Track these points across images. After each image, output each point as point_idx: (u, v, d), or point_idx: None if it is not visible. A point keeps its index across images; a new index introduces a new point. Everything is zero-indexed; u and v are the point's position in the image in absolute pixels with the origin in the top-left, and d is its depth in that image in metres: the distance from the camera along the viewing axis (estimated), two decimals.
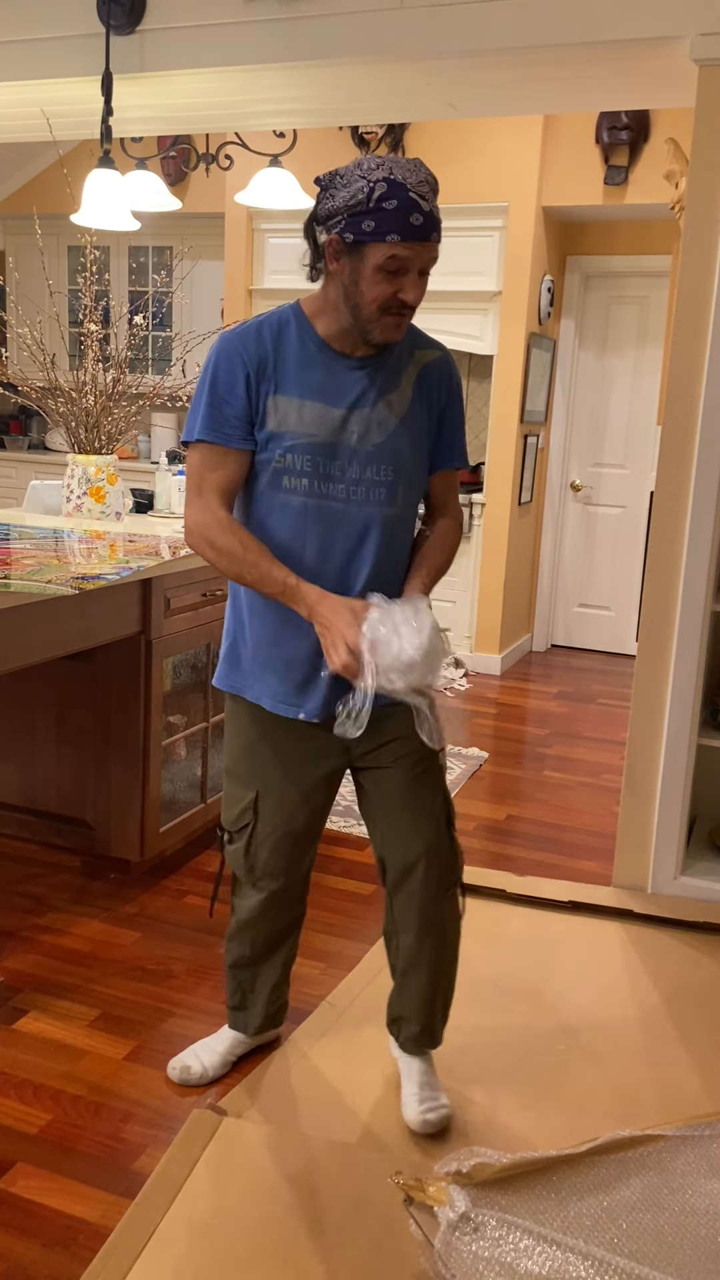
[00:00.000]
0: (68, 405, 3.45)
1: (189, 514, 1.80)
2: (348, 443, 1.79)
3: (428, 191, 1.66)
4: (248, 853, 2.04)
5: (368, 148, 5.49)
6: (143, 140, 4.12)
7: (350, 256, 1.69)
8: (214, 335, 5.05)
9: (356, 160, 1.68)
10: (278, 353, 1.77)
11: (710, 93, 2.61)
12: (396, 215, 1.63)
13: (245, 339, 1.77)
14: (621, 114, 5.04)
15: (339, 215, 1.67)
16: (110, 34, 3.07)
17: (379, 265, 1.67)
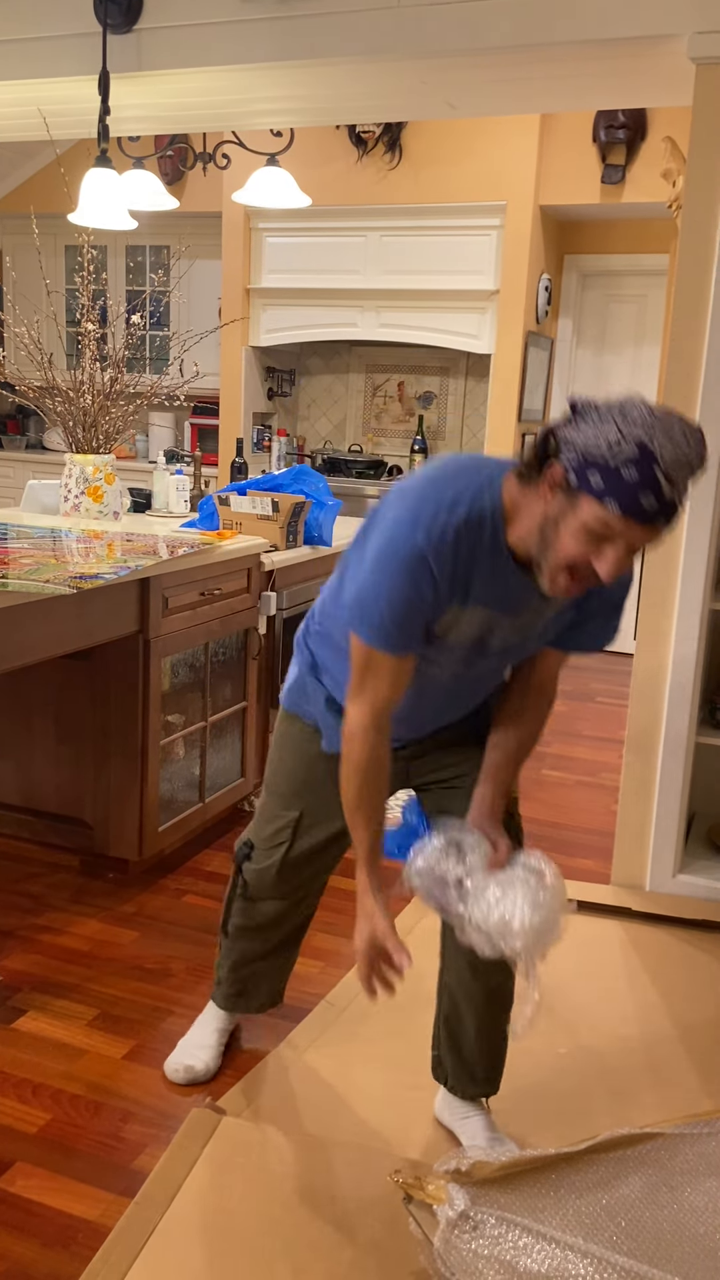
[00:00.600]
0: (65, 405, 3.44)
1: (360, 710, 1.68)
2: (492, 643, 1.71)
3: (681, 474, 1.42)
4: (280, 870, 2.01)
5: (364, 147, 5.49)
6: (140, 139, 4.12)
7: (565, 495, 1.48)
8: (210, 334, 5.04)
9: (628, 400, 1.45)
10: (470, 565, 1.59)
11: (707, 91, 2.61)
12: (629, 488, 1.42)
13: (442, 558, 1.56)
14: (619, 113, 5.04)
15: (574, 451, 1.45)
16: (107, 33, 3.07)
17: (586, 524, 1.47)
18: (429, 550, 1.55)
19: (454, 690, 1.80)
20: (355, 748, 1.70)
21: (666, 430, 1.41)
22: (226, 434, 6.15)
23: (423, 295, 5.60)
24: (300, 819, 1.98)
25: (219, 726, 3.29)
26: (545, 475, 1.50)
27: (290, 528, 3.46)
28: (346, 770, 1.72)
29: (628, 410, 1.43)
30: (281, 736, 2.01)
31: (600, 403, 1.46)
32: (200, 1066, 2.17)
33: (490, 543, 1.58)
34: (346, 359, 6.47)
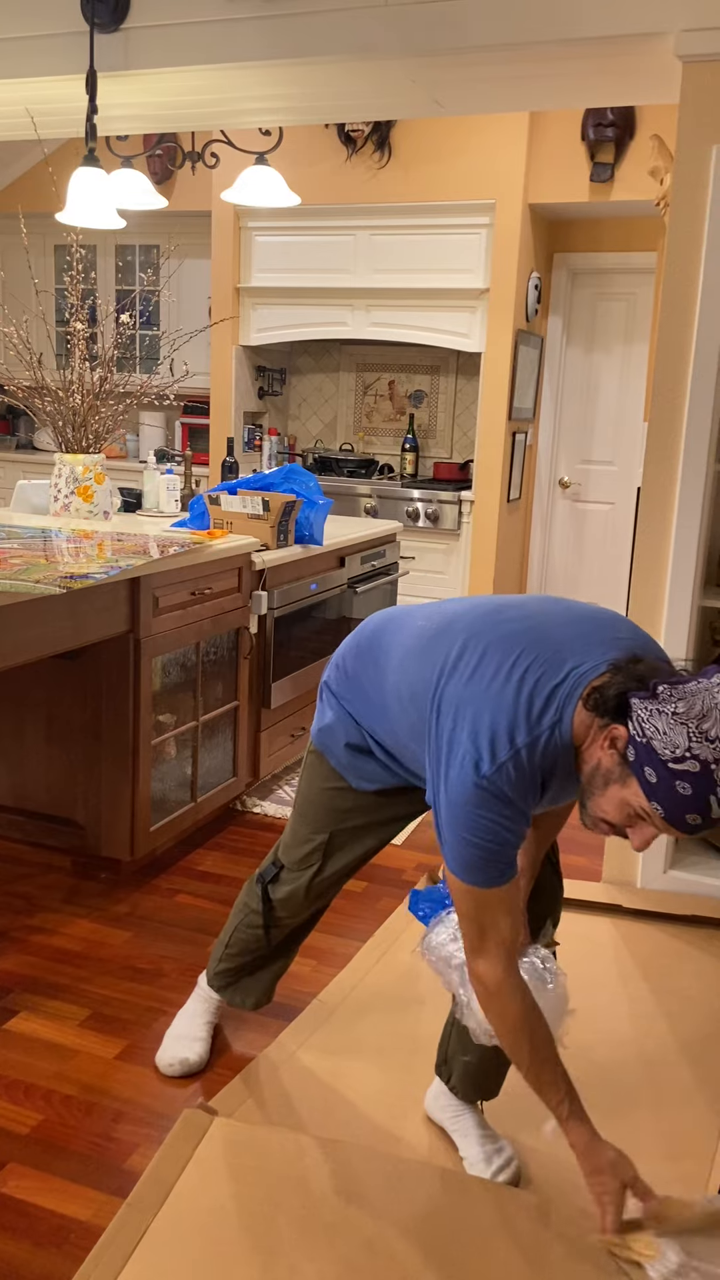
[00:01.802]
0: (54, 404, 3.44)
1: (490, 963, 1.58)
2: None
3: None
4: (307, 890, 2.01)
5: (353, 145, 5.49)
6: (128, 139, 4.11)
7: (621, 763, 1.45)
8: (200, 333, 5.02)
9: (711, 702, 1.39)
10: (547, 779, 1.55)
11: (694, 89, 2.62)
12: (678, 801, 1.40)
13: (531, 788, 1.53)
14: (607, 111, 5.05)
15: (645, 729, 1.41)
16: (94, 32, 3.06)
17: (629, 803, 1.46)
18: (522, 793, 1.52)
19: None
20: (506, 1005, 1.59)
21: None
22: (217, 433, 6.15)
23: (412, 294, 5.60)
24: (330, 841, 1.97)
25: (211, 726, 3.29)
26: (609, 731, 1.46)
27: (281, 527, 3.46)
28: (505, 1034, 1.61)
29: (707, 720, 1.37)
30: (310, 768, 2.01)
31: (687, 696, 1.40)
32: (195, 1058, 2.20)
33: (563, 766, 1.54)
34: (337, 358, 6.47)
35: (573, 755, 1.53)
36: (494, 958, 1.57)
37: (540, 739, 1.51)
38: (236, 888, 3.02)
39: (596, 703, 1.47)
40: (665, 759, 1.39)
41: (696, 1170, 1.94)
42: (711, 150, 2.60)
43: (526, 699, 1.51)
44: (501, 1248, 1.72)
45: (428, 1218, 1.78)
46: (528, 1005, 1.60)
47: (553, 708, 1.51)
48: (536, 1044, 1.60)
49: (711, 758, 1.37)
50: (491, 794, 1.51)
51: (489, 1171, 1.90)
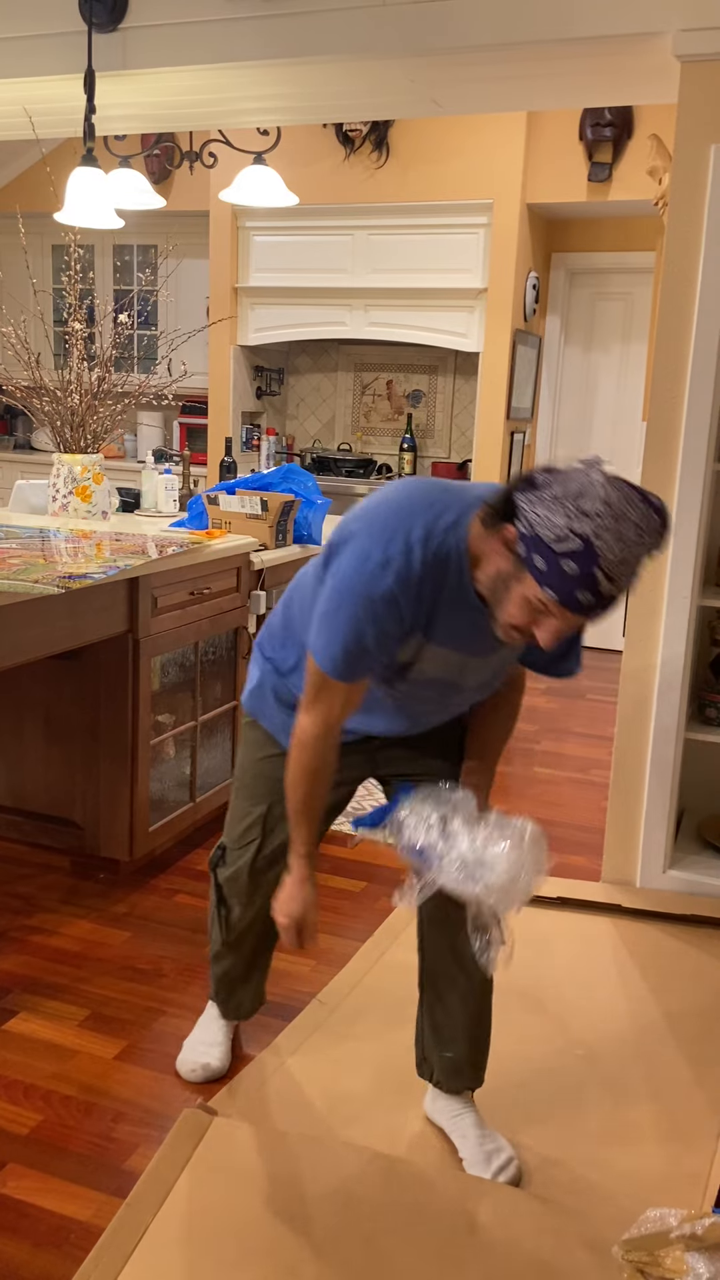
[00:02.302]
0: (53, 404, 3.44)
1: (312, 721, 1.72)
2: (465, 681, 1.75)
3: (623, 573, 1.43)
4: (251, 870, 2.03)
5: (351, 145, 5.49)
6: (126, 138, 4.11)
7: (515, 561, 1.49)
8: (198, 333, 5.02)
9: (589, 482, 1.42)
10: (434, 601, 1.60)
11: (692, 88, 2.62)
12: (566, 581, 1.42)
13: (411, 588, 1.57)
14: (605, 111, 5.05)
15: (526, 522, 1.45)
16: (92, 31, 3.06)
17: (528, 597, 1.49)
18: (396, 587, 1.56)
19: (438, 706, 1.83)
20: (306, 754, 1.75)
21: (617, 526, 1.40)
22: (215, 433, 6.14)
23: (411, 294, 5.60)
24: (268, 812, 1.99)
25: (209, 726, 3.29)
26: (501, 532, 1.50)
27: (279, 527, 3.46)
28: (295, 774, 1.77)
29: (583, 497, 1.41)
30: (245, 740, 2.05)
31: (562, 479, 1.44)
32: (216, 1063, 2.19)
33: (455, 583, 1.59)
34: (335, 358, 6.47)
35: (465, 571, 1.57)
36: (317, 719, 1.72)
37: (434, 537, 1.56)
38: None
39: (487, 514, 1.53)
40: (549, 542, 1.42)
41: (697, 1168, 1.94)
42: (710, 149, 2.60)
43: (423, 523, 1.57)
44: (503, 1250, 1.72)
45: (427, 1218, 1.78)
46: (323, 765, 1.75)
47: (450, 513, 1.58)
48: (314, 795, 1.77)
49: (590, 532, 1.39)
50: (378, 595, 1.57)
51: (489, 1172, 1.90)
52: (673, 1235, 1.62)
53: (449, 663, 1.70)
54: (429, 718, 1.86)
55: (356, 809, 2.85)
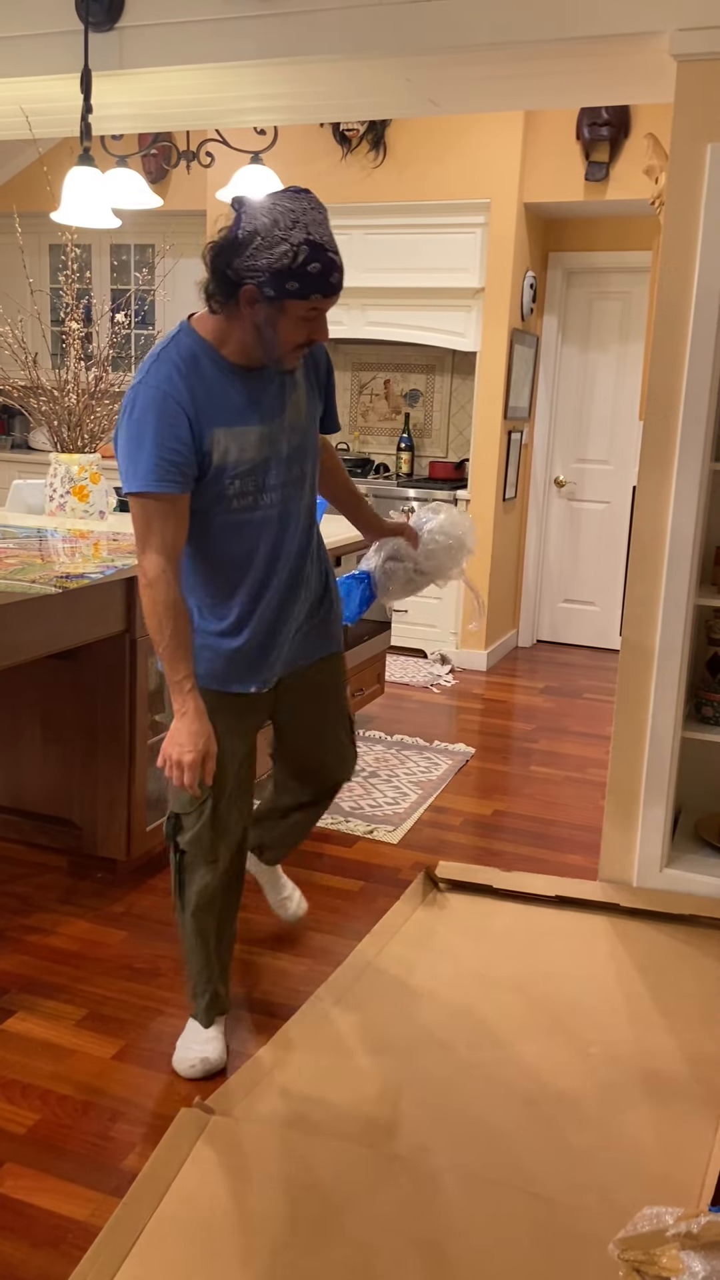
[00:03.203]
0: (50, 404, 3.44)
1: (148, 560, 1.89)
2: (277, 454, 1.98)
3: (332, 241, 1.80)
4: (214, 823, 2.12)
5: (348, 145, 5.49)
6: (123, 138, 4.11)
7: (269, 307, 1.81)
8: None
9: (271, 215, 1.76)
10: (200, 387, 1.87)
11: (689, 88, 2.62)
12: (319, 278, 1.79)
13: (172, 382, 1.84)
14: (602, 110, 5.05)
15: (261, 273, 1.77)
16: (89, 31, 3.06)
17: (301, 316, 1.83)
18: (163, 381, 1.84)
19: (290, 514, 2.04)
20: (159, 591, 1.89)
21: (312, 222, 1.77)
22: None
23: (408, 293, 5.60)
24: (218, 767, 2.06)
25: None
26: (241, 297, 1.81)
27: None
28: (156, 613, 1.89)
29: (279, 222, 1.75)
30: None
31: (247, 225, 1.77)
32: (215, 1056, 2.21)
33: (213, 366, 1.89)
34: (332, 357, 6.46)
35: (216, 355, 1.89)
36: (155, 554, 1.88)
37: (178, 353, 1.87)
38: None
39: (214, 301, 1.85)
40: (288, 267, 1.76)
41: (694, 1166, 1.94)
42: (706, 149, 2.61)
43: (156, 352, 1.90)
44: (502, 1246, 1.73)
45: (424, 1216, 1.78)
46: (176, 597, 1.90)
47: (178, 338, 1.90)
48: (177, 630, 1.90)
49: (304, 236, 1.76)
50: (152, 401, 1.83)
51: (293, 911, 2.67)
52: (669, 1234, 1.62)
53: (260, 438, 1.94)
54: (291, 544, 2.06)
55: None
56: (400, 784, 3.88)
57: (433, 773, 3.99)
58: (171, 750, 1.92)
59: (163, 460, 1.84)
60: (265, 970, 2.61)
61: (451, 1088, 2.14)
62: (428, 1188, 1.85)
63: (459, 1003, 2.43)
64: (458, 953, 2.64)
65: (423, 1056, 2.24)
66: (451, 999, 2.45)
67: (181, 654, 1.92)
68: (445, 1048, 2.27)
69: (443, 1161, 1.94)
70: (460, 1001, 2.44)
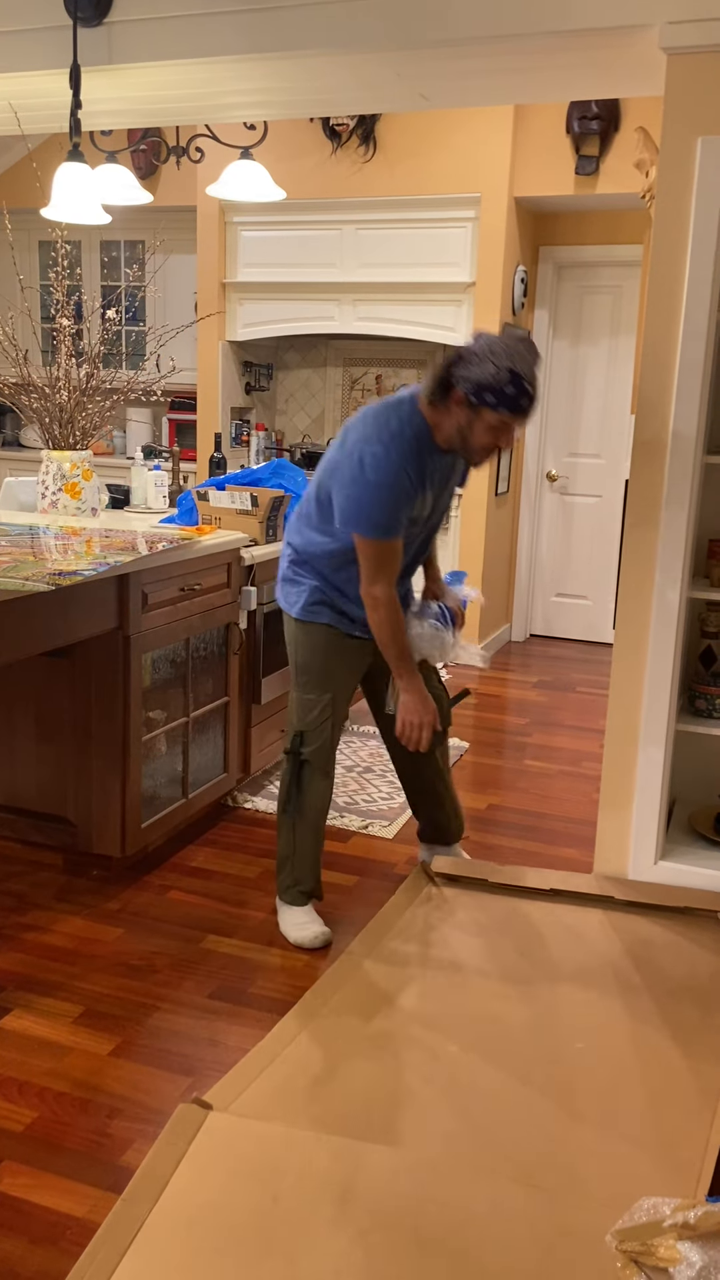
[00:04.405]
0: (41, 401, 3.43)
1: (382, 588, 2.48)
2: (439, 506, 2.62)
3: (535, 379, 2.33)
4: (331, 740, 2.66)
5: (339, 140, 5.48)
6: (112, 133, 4.10)
7: (471, 411, 2.35)
8: (186, 329, 5.01)
9: (493, 345, 2.30)
10: (423, 464, 2.43)
11: (679, 81, 2.62)
12: (511, 399, 2.31)
13: (411, 458, 2.39)
14: (592, 104, 5.05)
15: (470, 383, 2.31)
16: (77, 26, 3.04)
17: (491, 424, 2.36)
18: (408, 455, 2.39)
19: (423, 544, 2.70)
20: (386, 613, 2.50)
21: (520, 356, 2.30)
22: (204, 429, 6.14)
23: (399, 288, 5.59)
24: (334, 698, 2.66)
25: (201, 722, 3.29)
26: (450, 398, 2.36)
27: (269, 522, 3.46)
28: (387, 629, 2.52)
29: (494, 349, 2.29)
30: (304, 643, 2.65)
31: (472, 351, 2.31)
32: (324, 928, 2.69)
33: (430, 447, 2.45)
34: (324, 353, 6.46)
35: (430, 438, 2.43)
36: (383, 584, 2.48)
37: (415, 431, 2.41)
38: (229, 883, 3.03)
39: (432, 396, 2.38)
40: (492, 384, 2.30)
41: (691, 1157, 1.95)
42: (696, 142, 2.61)
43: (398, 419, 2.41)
44: (497, 1242, 1.73)
45: (424, 1210, 1.78)
46: (398, 615, 2.53)
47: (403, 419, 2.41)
48: (400, 635, 2.55)
49: (510, 365, 2.29)
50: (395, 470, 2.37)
51: None
52: (666, 1224, 1.63)
53: (427, 502, 2.52)
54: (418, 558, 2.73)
55: None
56: (395, 779, 3.88)
57: None
58: (413, 717, 2.58)
59: (394, 518, 2.41)
60: (262, 965, 2.61)
61: (447, 1082, 2.15)
62: (425, 1181, 1.86)
63: (455, 997, 2.44)
64: (453, 947, 2.65)
65: (419, 1051, 2.24)
66: (447, 994, 2.45)
67: (407, 650, 2.56)
68: (441, 1043, 2.27)
69: (439, 1155, 1.95)
70: (456, 996, 2.44)
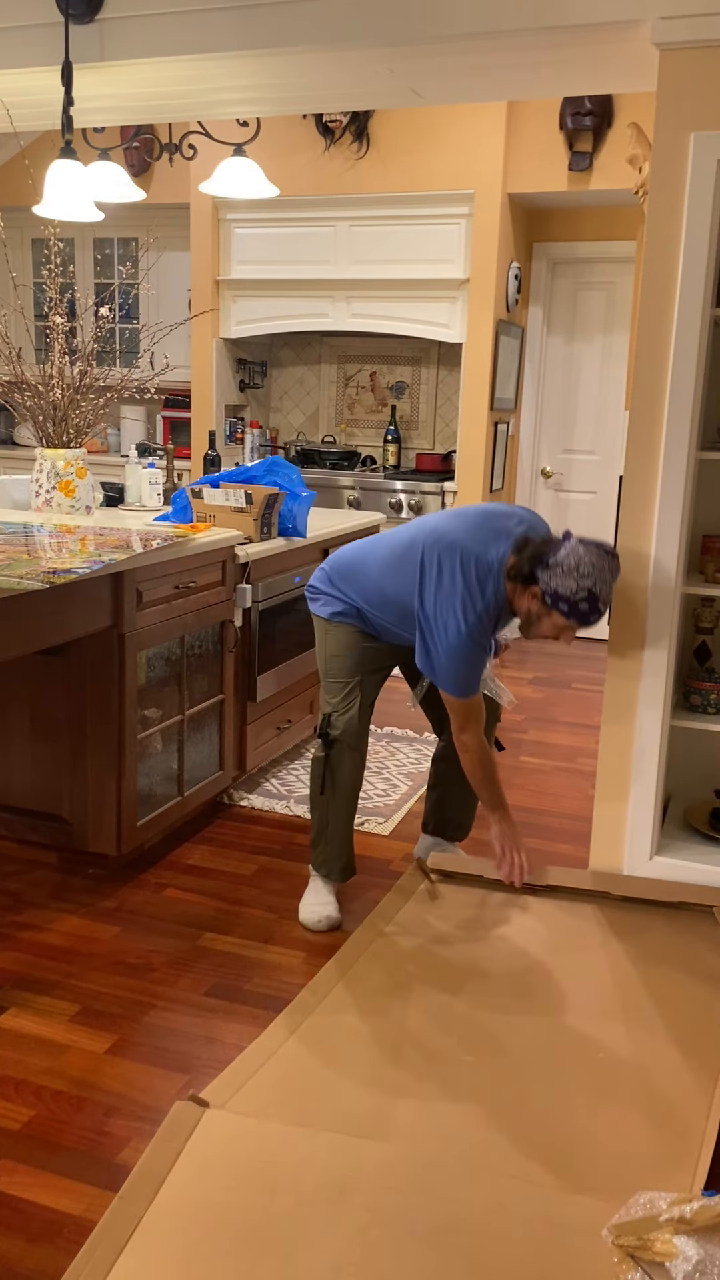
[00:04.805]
0: (34, 399, 3.42)
1: (471, 736, 2.70)
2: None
3: (610, 599, 2.52)
4: (359, 716, 2.80)
5: (332, 136, 5.47)
6: (105, 131, 4.09)
7: (543, 605, 2.53)
8: (180, 326, 5.00)
9: (579, 559, 2.45)
10: (496, 624, 2.64)
11: (671, 76, 2.62)
12: (583, 614, 2.50)
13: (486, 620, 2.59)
14: (585, 100, 5.05)
15: (550, 586, 2.47)
16: (69, 23, 3.04)
17: (557, 624, 2.55)
18: (487, 618, 2.60)
19: None
20: (477, 758, 2.74)
21: (601, 576, 2.47)
22: (199, 427, 6.13)
23: (393, 285, 5.59)
24: (361, 680, 2.82)
25: (196, 720, 3.29)
26: (529, 590, 2.54)
27: (264, 520, 3.46)
28: (477, 774, 2.76)
29: (580, 566, 2.45)
30: (331, 638, 2.83)
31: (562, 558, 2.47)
32: (335, 913, 2.79)
33: (506, 612, 2.64)
34: (318, 350, 6.45)
35: (507, 605, 2.61)
36: (474, 731, 2.71)
37: (489, 604, 2.59)
38: (225, 881, 3.03)
39: (514, 576, 2.56)
40: (568, 597, 2.47)
41: (687, 1151, 1.96)
42: (689, 137, 2.60)
43: (477, 586, 2.58)
44: (494, 1237, 1.73)
45: (421, 1206, 1.79)
46: (489, 759, 2.78)
47: (489, 585, 2.58)
48: (491, 776, 2.79)
49: (589, 586, 2.46)
50: (476, 635, 2.59)
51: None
52: (662, 1219, 1.63)
53: None
54: None
55: None
56: (391, 776, 3.89)
57: (423, 764, 4.00)
58: (510, 854, 2.87)
59: (476, 672, 2.64)
60: (258, 964, 2.61)
61: (444, 1078, 2.15)
62: (423, 1178, 1.86)
63: (451, 994, 2.44)
64: (450, 943, 2.65)
65: (415, 1048, 2.24)
66: (443, 990, 2.45)
67: (499, 792, 2.81)
68: (437, 1039, 2.27)
69: (436, 1151, 1.95)
70: (452, 992, 2.45)
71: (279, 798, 3.63)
